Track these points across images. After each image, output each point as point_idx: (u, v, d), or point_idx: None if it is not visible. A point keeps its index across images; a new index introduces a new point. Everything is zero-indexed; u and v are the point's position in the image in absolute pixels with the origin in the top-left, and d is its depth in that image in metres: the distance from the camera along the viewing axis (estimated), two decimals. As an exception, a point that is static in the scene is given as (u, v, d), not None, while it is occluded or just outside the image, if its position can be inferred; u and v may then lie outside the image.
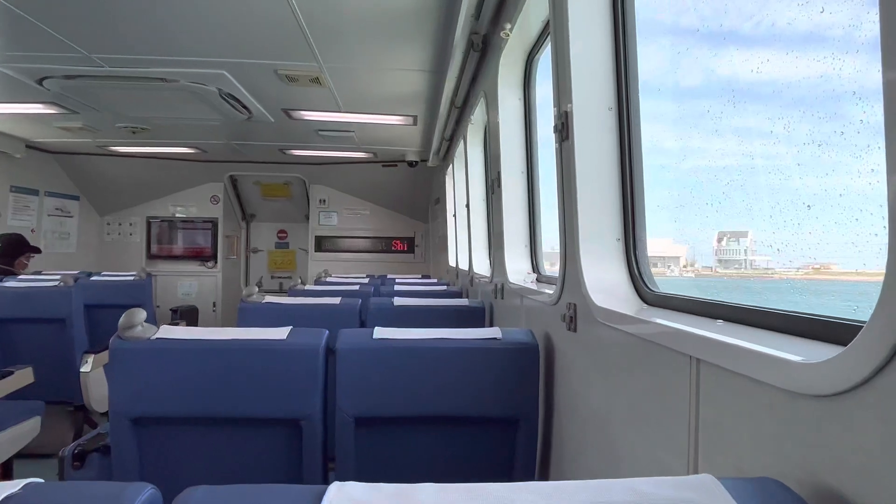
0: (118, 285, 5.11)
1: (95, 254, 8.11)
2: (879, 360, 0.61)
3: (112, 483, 0.66)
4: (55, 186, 7.28)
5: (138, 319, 1.78)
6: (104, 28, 3.20)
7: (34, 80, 4.02)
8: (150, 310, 5.06)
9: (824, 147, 1.08)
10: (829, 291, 1.27)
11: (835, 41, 1.12)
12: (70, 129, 5.75)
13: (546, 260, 2.92)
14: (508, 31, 2.45)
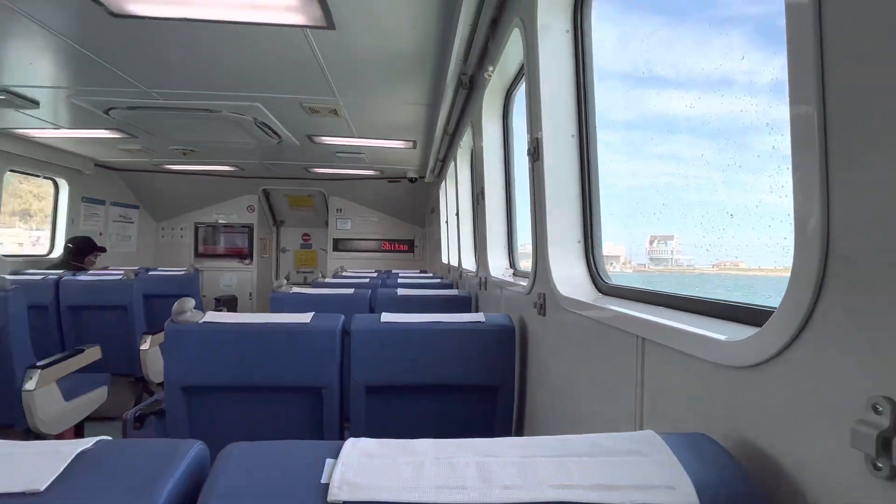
0: (171, 278, 5.08)
1: (152, 253, 8.04)
2: (786, 340, 0.62)
3: (167, 440, 0.66)
4: (119, 197, 7.21)
5: (188, 307, 1.77)
6: (160, 68, 3.18)
7: (102, 110, 3.98)
8: (198, 299, 5.02)
9: (744, 168, 1.10)
10: (732, 284, 1.30)
11: (741, 86, 1.14)
12: (131, 151, 5.70)
13: (521, 258, 2.93)
14: (491, 73, 2.45)
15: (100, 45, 2.83)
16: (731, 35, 1.22)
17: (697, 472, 0.60)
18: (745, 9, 1.22)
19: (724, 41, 1.24)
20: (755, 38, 1.10)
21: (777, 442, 0.65)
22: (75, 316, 4.02)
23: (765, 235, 0.99)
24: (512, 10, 1.95)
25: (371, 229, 8.44)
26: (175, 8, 2.40)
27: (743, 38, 1.15)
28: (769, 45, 0.97)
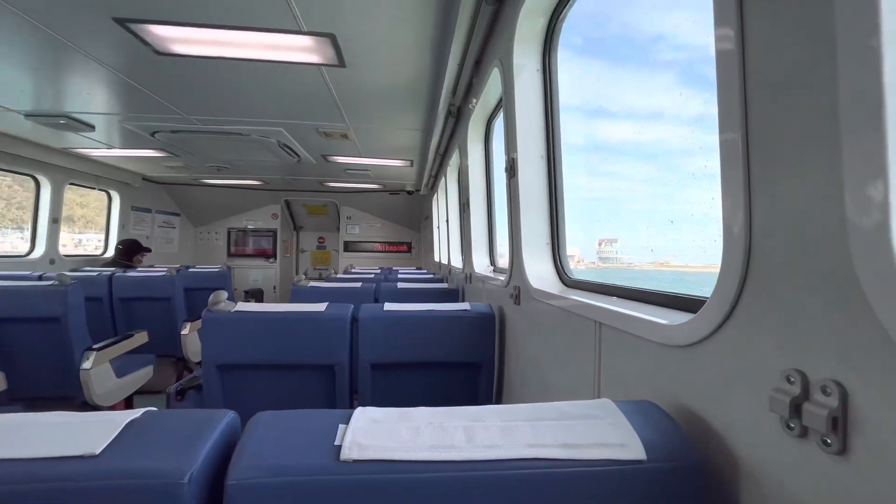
0: (207, 274, 5.00)
1: (191, 253, 7.91)
2: (717, 323, 0.63)
3: (205, 410, 0.65)
4: (163, 206, 7.09)
5: (222, 298, 1.75)
6: (198, 98, 3.13)
7: (148, 133, 3.91)
8: (230, 291, 4.94)
9: (683, 184, 1.11)
10: (665, 277, 1.33)
11: (669, 116, 1.16)
12: (173, 167, 5.60)
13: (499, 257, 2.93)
14: (474, 104, 2.45)
15: (146, 79, 2.78)
16: (662, 76, 1.24)
17: (645, 432, 0.61)
18: (673, 54, 1.24)
19: (657, 81, 1.26)
20: (682, 79, 1.12)
21: (709, 407, 0.66)
22: (126, 306, 3.95)
23: (693, 239, 1.01)
24: (492, 53, 1.95)
25: (375, 233, 8.40)
26: (211, 48, 2.37)
27: (673, 78, 1.17)
28: (692, 85, 1.00)
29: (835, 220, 0.46)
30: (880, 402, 0.43)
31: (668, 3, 1.27)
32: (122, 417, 0.60)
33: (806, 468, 0.50)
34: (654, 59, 1.31)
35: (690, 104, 0.97)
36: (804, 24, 0.48)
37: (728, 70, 0.58)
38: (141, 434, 0.58)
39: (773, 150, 0.54)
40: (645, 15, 1.42)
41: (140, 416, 0.62)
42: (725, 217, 0.61)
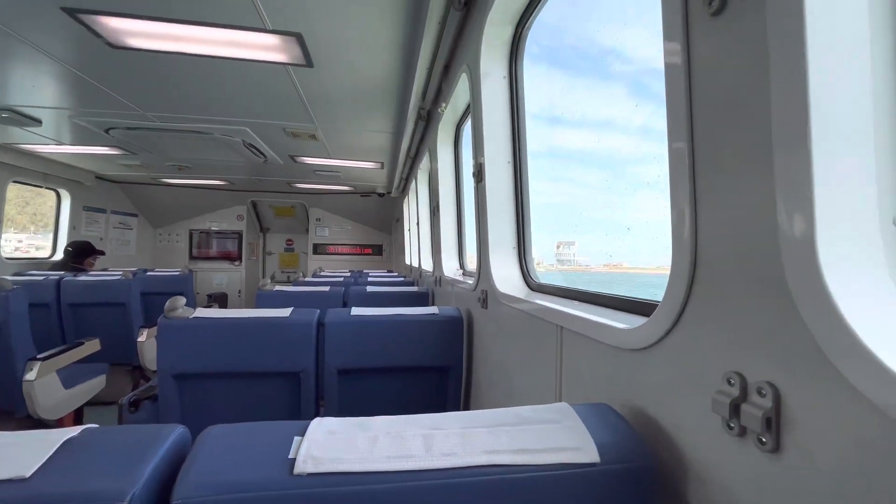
0: (166, 278, 4.78)
1: (151, 256, 7.55)
2: (667, 328, 0.65)
3: (152, 426, 0.61)
4: (119, 206, 6.72)
5: (179, 304, 1.67)
6: (156, 94, 3.00)
7: (102, 129, 3.71)
8: (191, 296, 4.75)
9: (638, 191, 1.15)
10: (616, 280, 1.40)
11: (619, 127, 1.22)
12: (130, 166, 5.33)
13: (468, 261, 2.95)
14: (444, 109, 2.45)
15: (99, 72, 2.64)
16: (614, 87, 1.30)
17: (600, 435, 0.62)
18: (622, 67, 1.30)
19: (609, 92, 1.32)
20: (632, 91, 1.17)
21: (660, 409, 0.68)
22: (76, 312, 3.72)
23: (643, 243, 1.06)
24: (460, 59, 1.96)
25: (346, 236, 8.26)
26: (170, 43, 2.28)
27: (623, 90, 1.23)
28: (640, 97, 1.05)
29: (769, 230, 0.48)
30: (808, 403, 0.45)
31: (619, 19, 1.33)
32: (58, 436, 0.56)
33: (745, 466, 0.52)
34: (608, 71, 1.36)
35: (639, 115, 1.01)
36: (742, 47, 0.51)
37: (676, 86, 0.61)
38: (79, 453, 0.55)
39: (716, 162, 0.56)
40: (599, 28, 1.48)
41: (79, 433, 0.58)
42: (674, 226, 0.64)
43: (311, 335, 1.74)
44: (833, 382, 0.42)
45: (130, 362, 3.65)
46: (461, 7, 1.65)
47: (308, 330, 1.74)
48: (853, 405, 0.41)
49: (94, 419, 3.52)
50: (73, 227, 5.69)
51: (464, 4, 1.64)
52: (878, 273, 0.44)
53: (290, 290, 2.98)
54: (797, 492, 0.46)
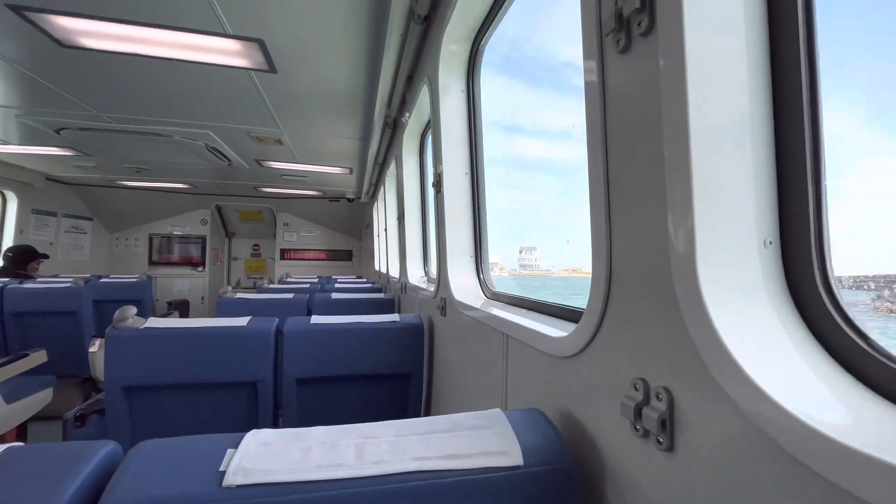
0: (122, 285, 4.57)
1: (106, 261, 7.20)
2: (588, 337, 0.70)
3: (81, 442, 0.61)
4: (71, 209, 6.39)
5: (129, 314, 1.63)
6: (111, 95, 2.90)
7: (52, 129, 3.54)
8: (150, 303, 4.57)
9: (585, 198, 1.23)
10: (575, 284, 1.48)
11: (574, 137, 1.30)
12: (84, 168, 5.10)
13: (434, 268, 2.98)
14: (408, 118, 2.49)
15: (50, 72, 2.53)
16: (567, 99, 1.38)
17: (526, 439, 0.67)
18: (577, 81, 1.38)
19: (564, 103, 1.39)
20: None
21: (584, 412, 0.73)
22: (20, 322, 3.51)
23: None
24: (422, 72, 2.00)
25: (314, 241, 8.14)
26: (127, 44, 2.22)
27: (577, 101, 1.31)
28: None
29: (664, 251, 0.54)
30: (693, 407, 0.51)
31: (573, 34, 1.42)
32: None
33: (648, 465, 0.57)
34: (565, 83, 1.44)
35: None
36: (643, 82, 0.57)
37: (594, 118, 0.67)
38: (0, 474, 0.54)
39: (624, 188, 0.62)
40: (556, 41, 1.55)
41: (1, 452, 0.57)
42: (594, 245, 0.69)
43: (270, 344, 1.72)
44: (711, 389, 0.48)
45: (81, 374, 3.48)
46: (421, 21, 1.70)
47: (266, 339, 1.72)
48: (725, 409, 0.46)
49: (38, 435, 3.32)
50: (21, 231, 5.38)
51: (423, 19, 1.69)
52: (751, 292, 0.50)
53: (252, 298, 2.93)
54: (688, 486, 0.52)
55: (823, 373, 0.45)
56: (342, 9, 1.85)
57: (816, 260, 0.48)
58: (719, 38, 0.50)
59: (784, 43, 0.51)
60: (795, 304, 0.50)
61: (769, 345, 0.47)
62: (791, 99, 0.50)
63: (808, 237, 0.49)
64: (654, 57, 0.54)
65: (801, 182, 0.49)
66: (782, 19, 0.51)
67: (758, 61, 0.51)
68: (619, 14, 0.58)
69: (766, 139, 0.52)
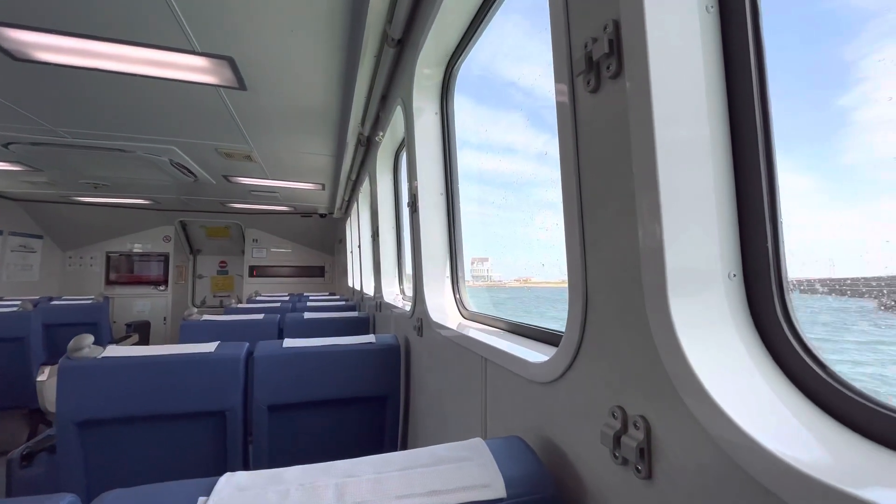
0: (76, 308, 4.31)
1: (58, 282, 6.77)
2: (567, 363, 0.71)
3: (32, 498, 0.56)
4: (19, 227, 6.00)
5: (85, 343, 1.53)
6: (67, 109, 2.77)
7: (0, 144, 3.35)
8: (106, 326, 4.33)
9: (533, 211, 1.28)
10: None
11: (520, 153, 1.36)
12: (35, 183, 4.83)
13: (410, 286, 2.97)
14: (381, 136, 2.50)
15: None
16: (514, 117, 1.46)
17: (508, 469, 0.67)
18: (524, 100, 1.44)
19: (511, 121, 1.47)
20: (530, 121, 1.33)
21: (565, 439, 0.74)
22: None
23: (546, 258, 1.18)
24: (396, 93, 2.03)
25: (285, 257, 7.95)
26: (84, 59, 2.14)
27: (523, 120, 1.38)
28: (537, 127, 1.20)
29: (637, 279, 0.56)
30: (669, 434, 0.53)
31: (519, 56, 1.49)
32: None
33: (627, 493, 0.59)
34: (509, 102, 1.51)
35: (537, 142, 1.15)
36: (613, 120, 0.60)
37: (567, 152, 0.69)
38: None
39: (597, 218, 0.64)
40: (503, 62, 1.63)
41: None
42: (570, 272, 0.71)
43: (239, 370, 1.66)
44: (685, 417, 0.50)
45: (27, 405, 3.23)
46: (394, 45, 1.72)
47: (235, 365, 1.66)
48: (698, 437, 0.48)
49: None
50: (-40, 251, 5.02)
51: (397, 42, 1.71)
52: (719, 321, 0.53)
53: (220, 320, 2.82)
54: (666, 514, 0.53)
55: (788, 402, 0.47)
56: (314, 29, 1.85)
57: (776, 291, 0.52)
58: (682, 81, 0.54)
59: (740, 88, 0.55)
60: (759, 333, 0.53)
61: (737, 373, 0.50)
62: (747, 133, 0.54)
63: (767, 270, 0.52)
64: (622, 97, 0.57)
65: (759, 217, 0.53)
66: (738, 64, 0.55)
67: (716, 102, 0.55)
68: (588, 57, 0.61)
69: (727, 176, 0.55)
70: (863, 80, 0.56)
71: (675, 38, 0.53)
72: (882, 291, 0.54)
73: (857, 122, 0.57)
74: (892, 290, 0.54)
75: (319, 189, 5.06)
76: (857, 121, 0.57)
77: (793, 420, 0.46)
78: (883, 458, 0.40)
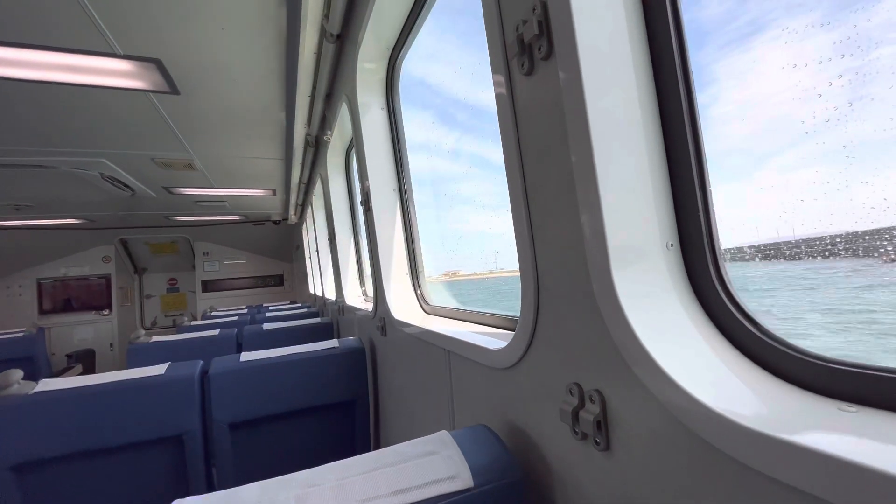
0: (5, 342, 3.94)
1: None
2: (524, 347, 0.72)
3: None
4: (-70, 259, 5.41)
5: (14, 379, 1.40)
6: (-25, 125, 2.50)
7: None
8: (43, 359, 3.98)
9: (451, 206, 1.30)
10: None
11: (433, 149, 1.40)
12: (-56, 208, 4.36)
13: (371, 286, 2.92)
14: (329, 136, 2.43)
15: None
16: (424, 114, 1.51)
17: (475, 458, 0.67)
18: (432, 99, 1.48)
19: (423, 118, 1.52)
20: (439, 119, 1.40)
21: (527, 421, 0.75)
22: None
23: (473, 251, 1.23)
24: (340, 89, 1.98)
25: (240, 269, 7.61)
26: (-11, 67, 1.94)
27: (433, 118, 1.44)
28: (446, 125, 1.26)
29: (582, 257, 0.57)
30: (623, 404, 0.54)
31: (428, 54, 1.53)
32: None
33: (588, 466, 0.60)
34: (418, 100, 1.54)
35: (449, 140, 1.19)
36: (548, 101, 0.60)
37: (508, 137, 0.70)
38: None
39: (542, 201, 0.65)
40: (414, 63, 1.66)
41: None
42: (520, 257, 0.72)
43: (194, 391, 1.57)
44: (635, 386, 0.51)
45: None
46: (334, 40, 1.67)
47: (189, 385, 1.57)
48: (649, 404, 0.50)
49: None
50: None
51: (336, 38, 1.67)
52: (660, 290, 0.55)
53: (171, 340, 2.66)
54: (625, 482, 0.55)
55: (728, 360, 0.50)
56: (247, 25, 1.77)
57: (710, 257, 0.54)
58: (610, 57, 0.55)
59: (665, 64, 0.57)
60: (698, 298, 0.55)
61: (680, 338, 0.52)
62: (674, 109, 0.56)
63: (701, 238, 0.54)
64: (555, 77, 0.58)
65: (690, 189, 0.55)
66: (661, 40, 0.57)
67: (643, 79, 0.57)
68: (521, 39, 0.62)
69: (658, 150, 0.57)
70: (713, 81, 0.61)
71: (602, 15, 0.54)
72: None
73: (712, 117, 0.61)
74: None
75: (270, 195, 4.87)
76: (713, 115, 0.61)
77: (733, 378, 0.48)
78: (813, 404, 0.43)
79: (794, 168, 0.55)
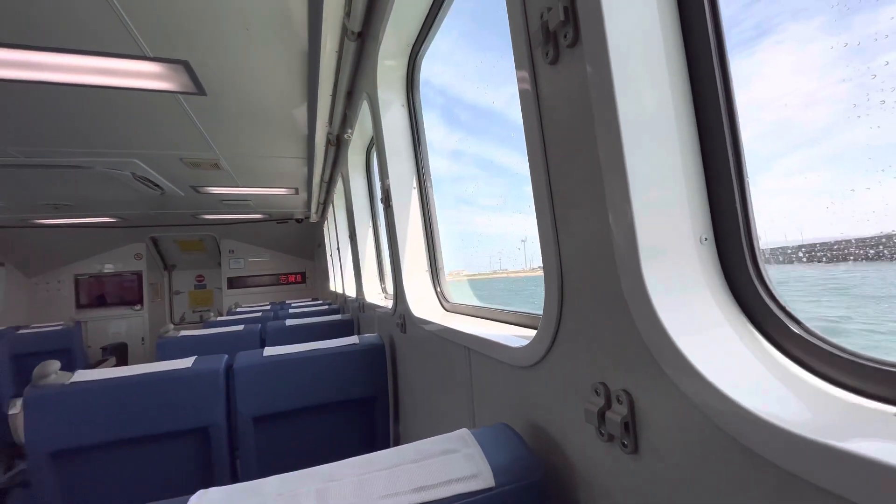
0: (45, 335, 4.12)
1: (25, 310, 6.47)
2: (547, 345, 0.70)
3: None
4: (-23, 256, 5.72)
5: (51, 369, 1.46)
6: (17, 126, 2.62)
7: (-54, 169, 3.16)
8: (80, 351, 4.15)
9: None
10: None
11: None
12: (-11, 208, 4.59)
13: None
14: (350, 134, 2.45)
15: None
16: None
17: (496, 457, 0.65)
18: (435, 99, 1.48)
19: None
20: (443, 118, 1.42)
21: (551, 421, 0.73)
22: None
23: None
24: (361, 87, 1.98)
25: (264, 266, 7.77)
26: (26, 72, 2.02)
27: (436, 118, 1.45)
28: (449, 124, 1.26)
29: (610, 252, 0.55)
30: (653, 405, 0.52)
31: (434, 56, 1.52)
32: None
33: (615, 469, 0.58)
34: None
35: (451, 140, 1.20)
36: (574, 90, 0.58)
37: (532, 131, 0.68)
38: None
39: (566, 195, 0.63)
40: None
41: None
42: (543, 253, 0.70)
43: (220, 384, 1.61)
44: (666, 387, 0.49)
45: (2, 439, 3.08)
46: (355, 38, 1.68)
47: (215, 378, 1.60)
48: (681, 406, 0.47)
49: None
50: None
51: (357, 35, 1.67)
52: (693, 287, 0.52)
53: (198, 334, 2.73)
54: (655, 486, 0.52)
55: (767, 361, 0.47)
56: (270, 28, 1.79)
57: (748, 253, 0.51)
58: (639, 44, 0.53)
59: (697, 46, 0.54)
60: (734, 295, 0.52)
61: (714, 338, 0.49)
62: (709, 96, 0.53)
63: (738, 232, 0.51)
64: (582, 66, 0.56)
65: (726, 180, 0.52)
66: (695, 25, 0.54)
67: (676, 66, 0.54)
68: (545, 27, 0.60)
69: (692, 141, 0.54)
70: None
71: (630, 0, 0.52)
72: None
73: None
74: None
75: (293, 193, 4.95)
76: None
77: (773, 379, 0.45)
78: (860, 409, 0.39)
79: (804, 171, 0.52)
